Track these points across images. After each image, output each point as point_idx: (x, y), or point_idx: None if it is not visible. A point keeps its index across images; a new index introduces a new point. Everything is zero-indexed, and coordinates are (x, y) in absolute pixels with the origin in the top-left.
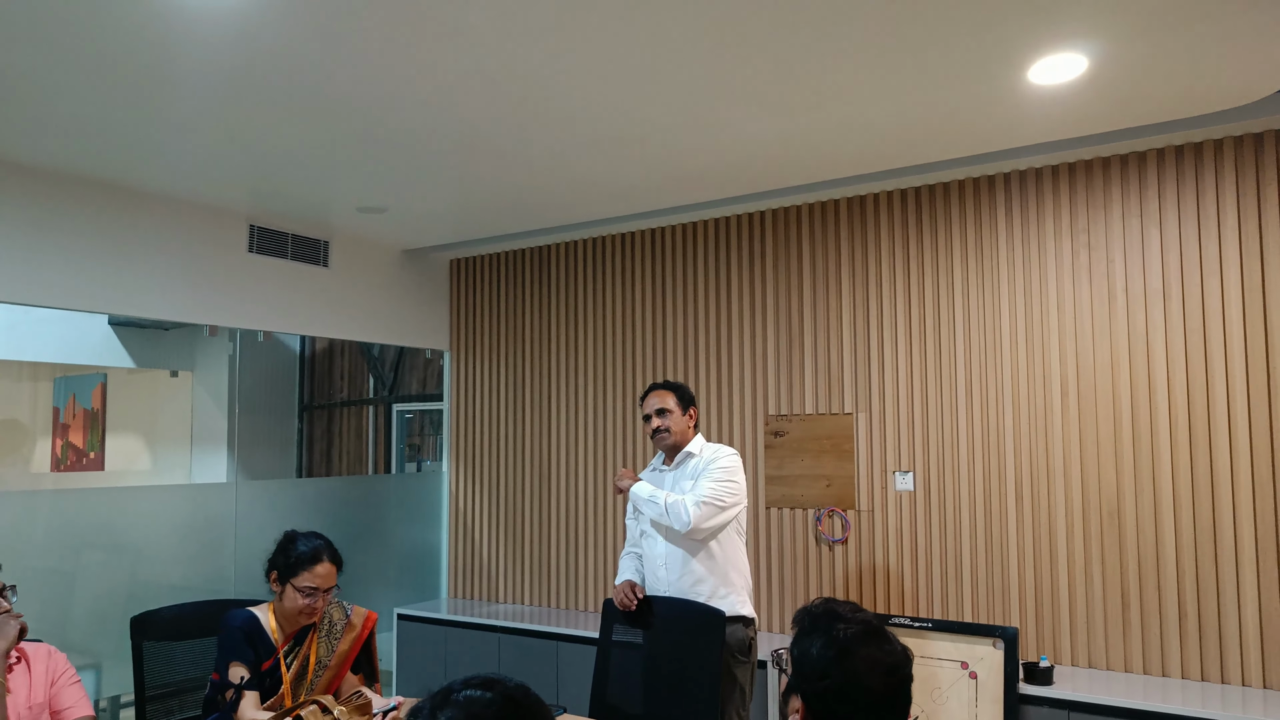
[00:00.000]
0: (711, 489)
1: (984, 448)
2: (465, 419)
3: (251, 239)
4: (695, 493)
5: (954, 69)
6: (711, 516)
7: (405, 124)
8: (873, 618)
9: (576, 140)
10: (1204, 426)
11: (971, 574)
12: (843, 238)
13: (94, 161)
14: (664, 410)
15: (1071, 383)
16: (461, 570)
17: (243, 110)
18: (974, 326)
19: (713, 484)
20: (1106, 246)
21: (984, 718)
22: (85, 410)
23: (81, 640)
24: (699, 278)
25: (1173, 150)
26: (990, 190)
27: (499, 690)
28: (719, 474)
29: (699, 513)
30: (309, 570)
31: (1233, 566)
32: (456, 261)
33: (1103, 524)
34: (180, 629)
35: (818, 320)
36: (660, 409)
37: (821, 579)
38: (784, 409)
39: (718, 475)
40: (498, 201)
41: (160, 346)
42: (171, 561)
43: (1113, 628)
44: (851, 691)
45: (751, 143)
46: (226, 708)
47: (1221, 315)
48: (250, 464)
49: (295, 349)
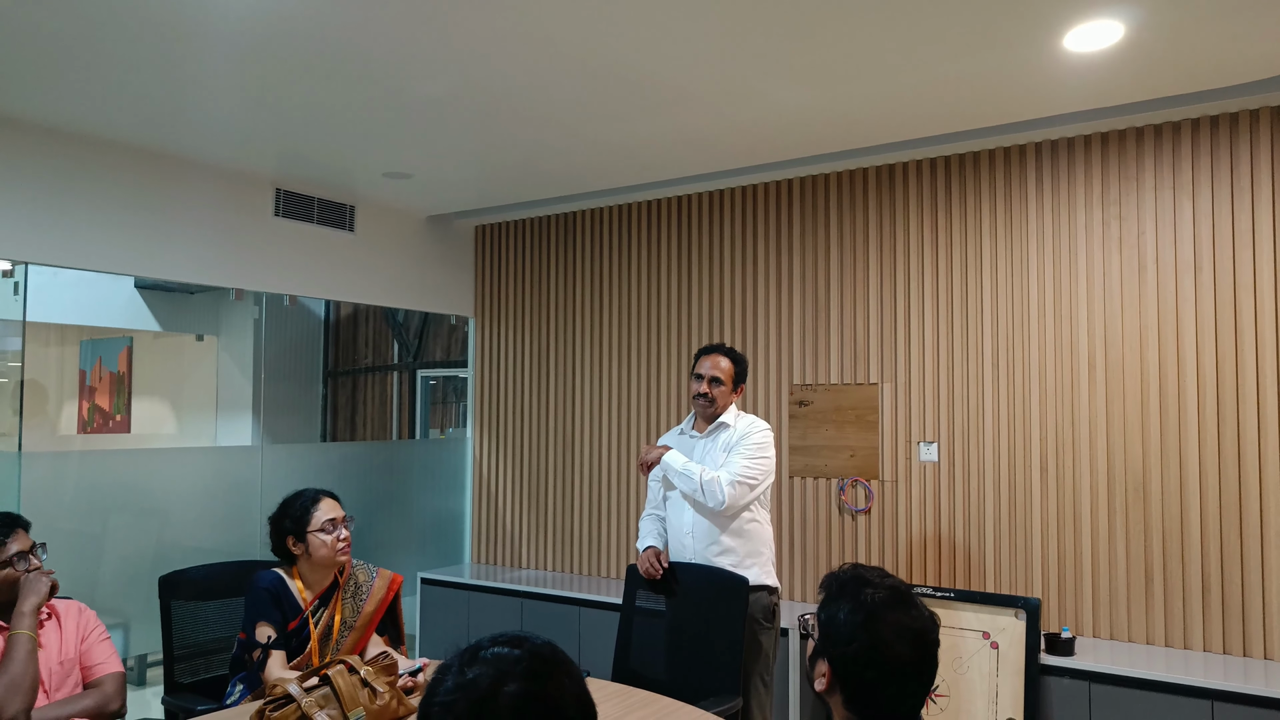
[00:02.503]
0: (745, 467)
1: (1009, 419)
2: (489, 385)
3: (278, 203)
4: (729, 469)
5: (988, 36)
6: (745, 495)
7: (432, 89)
8: (900, 583)
9: (604, 106)
10: (1232, 400)
11: (995, 545)
12: (870, 207)
13: (121, 125)
14: (717, 380)
15: (1099, 355)
16: (485, 536)
17: (270, 74)
18: (1002, 297)
19: (747, 461)
20: (1138, 218)
21: (1005, 688)
22: (111, 373)
23: (110, 600)
24: (725, 246)
25: (1207, 120)
26: (1021, 160)
27: (527, 647)
28: (752, 449)
29: (733, 493)
30: (316, 509)
31: (1257, 541)
32: (482, 228)
33: (1128, 497)
34: (208, 589)
35: (844, 290)
36: (715, 377)
37: (845, 549)
38: (809, 379)
39: (751, 451)
40: (524, 168)
41: (186, 310)
42: (197, 523)
43: (1135, 600)
44: (878, 656)
45: (780, 111)
46: (254, 667)
47: (1253, 288)
48: (275, 428)
49: (320, 314)
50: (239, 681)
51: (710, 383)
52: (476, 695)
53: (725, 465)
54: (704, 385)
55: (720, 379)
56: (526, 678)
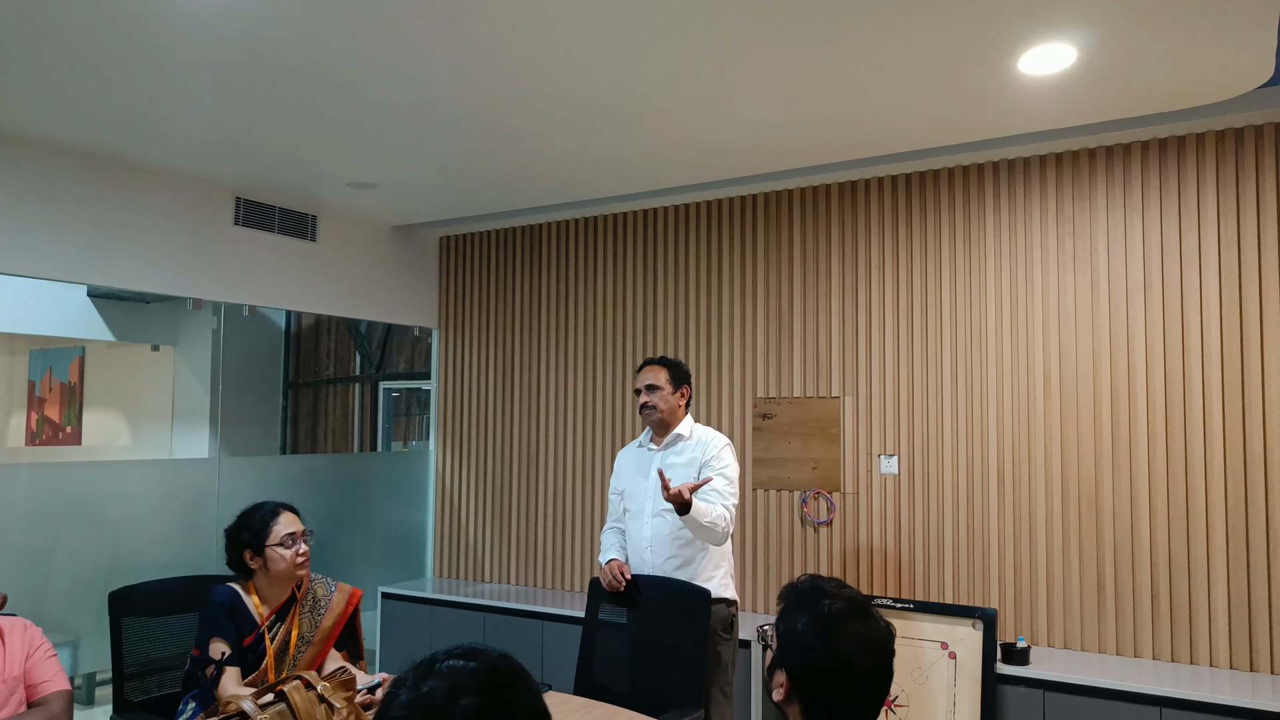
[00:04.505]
0: (730, 493)
1: (968, 433)
2: (452, 398)
3: (238, 212)
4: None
5: (947, 58)
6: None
7: (399, 99)
8: (858, 594)
9: (571, 120)
10: (1180, 416)
11: (953, 556)
12: (833, 223)
13: (78, 131)
14: (654, 386)
15: (1054, 370)
16: (447, 549)
17: (232, 82)
18: (960, 313)
19: (730, 487)
20: (1091, 236)
21: (962, 697)
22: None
23: (59, 616)
24: (690, 260)
25: (1157, 143)
26: (979, 178)
27: (482, 660)
28: (729, 472)
29: (730, 521)
30: (275, 523)
31: (1204, 552)
32: (446, 239)
33: (1081, 509)
34: (161, 604)
35: (807, 304)
36: (650, 384)
37: (806, 560)
38: (773, 392)
39: (728, 475)
40: (490, 180)
41: (142, 320)
42: (152, 537)
43: (1088, 610)
44: (836, 667)
45: (744, 127)
46: (207, 684)
47: (1200, 307)
48: (233, 440)
49: (281, 325)
50: (191, 699)
51: (648, 390)
52: (431, 709)
53: (708, 494)
54: (643, 395)
55: (656, 384)
56: (481, 691)
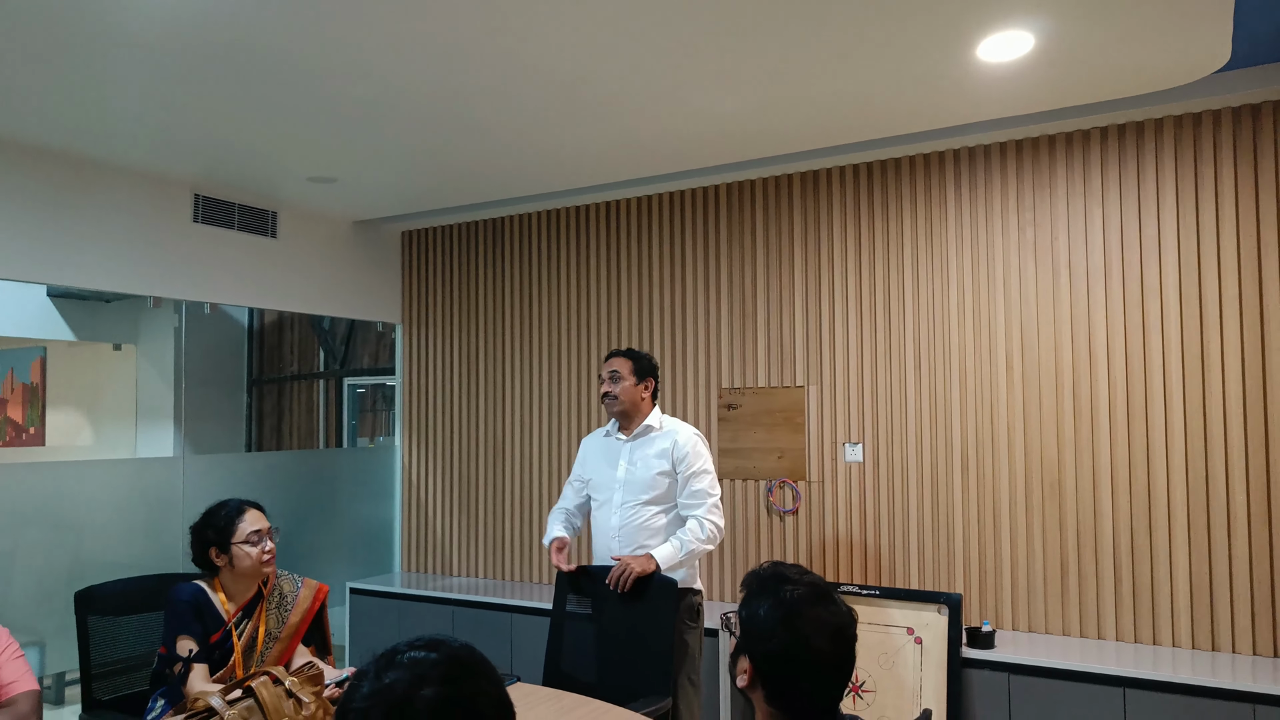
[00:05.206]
0: (711, 493)
1: (932, 420)
2: (417, 393)
3: (197, 208)
4: (700, 501)
5: (905, 45)
6: (721, 511)
7: (357, 92)
8: (819, 580)
9: (532, 111)
10: (1141, 400)
11: (919, 543)
12: (796, 212)
13: (33, 127)
14: (616, 376)
15: (1016, 357)
16: (415, 544)
17: (186, 75)
18: (923, 301)
19: (710, 486)
20: (1051, 224)
21: (929, 681)
22: (24, 385)
23: (23, 618)
24: (653, 251)
25: (1115, 129)
26: (940, 167)
27: (444, 651)
28: (707, 467)
29: (719, 521)
30: (241, 521)
31: (1166, 535)
32: (408, 233)
33: (1044, 494)
34: (126, 604)
35: (770, 294)
36: (613, 373)
37: (773, 549)
38: (737, 382)
39: (707, 471)
40: (450, 173)
41: (102, 319)
42: (117, 537)
43: (1052, 593)
44: (799, 652)
45: (705, 117)
46: (175, 681)
47: (1159, 293)
48: (198, 438)
49: (243, 322)
50: (160, 696)
51: (610, 379)
52: (393, 700)
53: (691, 499)
54: (605, 384)
55: (619, 373)
56: (443, 681)
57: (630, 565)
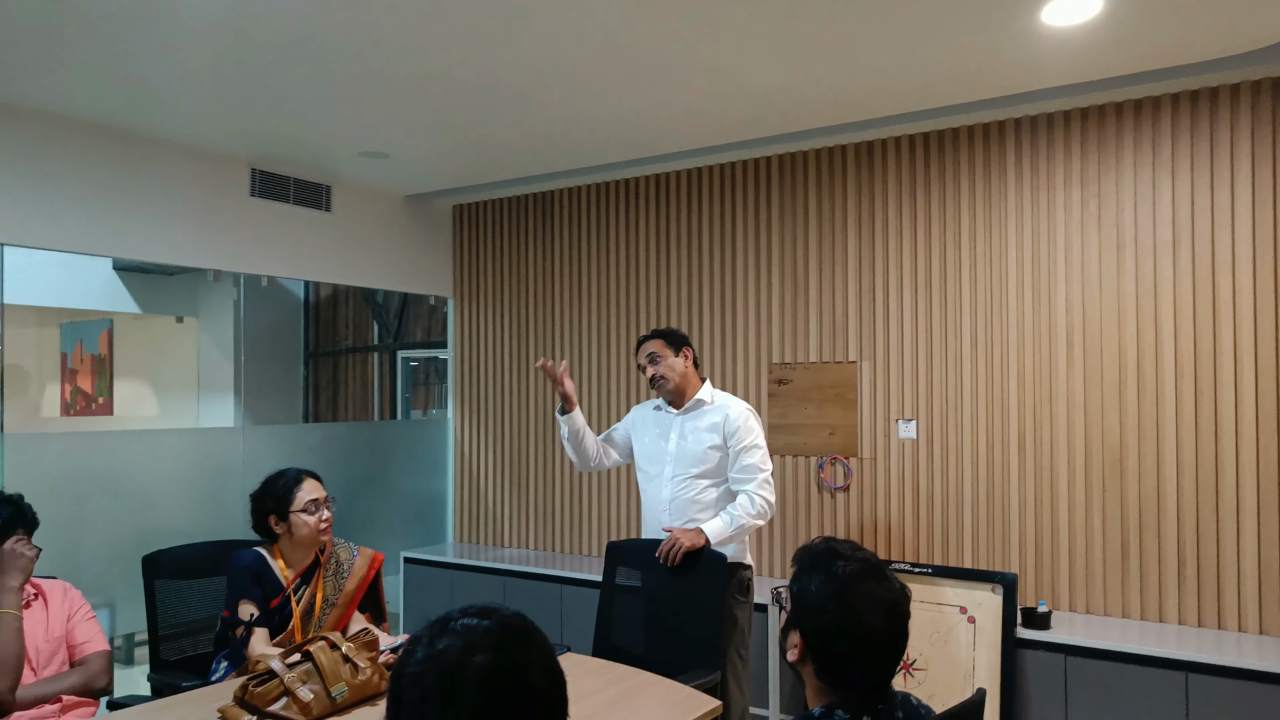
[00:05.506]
0: (762, 468)
1: (988, 396)
2: (469, 366)
3: (253, 183)
4: (751, 476)
5: (967, 9)
6: (772, 486)
7: (408, 68)
8: (871, 556)
9: (582, 82)
10: (1209, 377)
11: (973, 521)
12: (849, 184)
13: (97, 105)
14: (656, 356)
15: (1077, 333)
16: (467, 515)
17: (243, 54)
18: (980, 275)
19: (762, 461)
20: (1117, 195)
21: (982, 661)
22: (93, 356)
23: (95, 580)
24: (703, 224)
25: (1187, 96)
26: (1000, 136)
27: (496, 618)
28: (758, 442)
29: (770, 496)
30: (299, 489)
31: (1233, 516)
32: (459, 207)
33: (1104, 474)
34: (190, 568)
35: (823, 268)
36: (652, 355)
37: (824, 526)
38: (788, 357)
39: (759, 446)
40: (500, 147)
41: (165, 292)
42: (181, 504)
43: (1111, 575)
44: (850, 627)
45: (759, 87)
46: (237, 644)
47: (1231, 266)
48: (256, 410)
49: (300, 295)
50: (223, 658)
51: (650, 362)
52: (445, 666)
53: (742, 473)
54: (649, 369)
55: (656, 354)
56: (495, 649)
57: (680, 539)
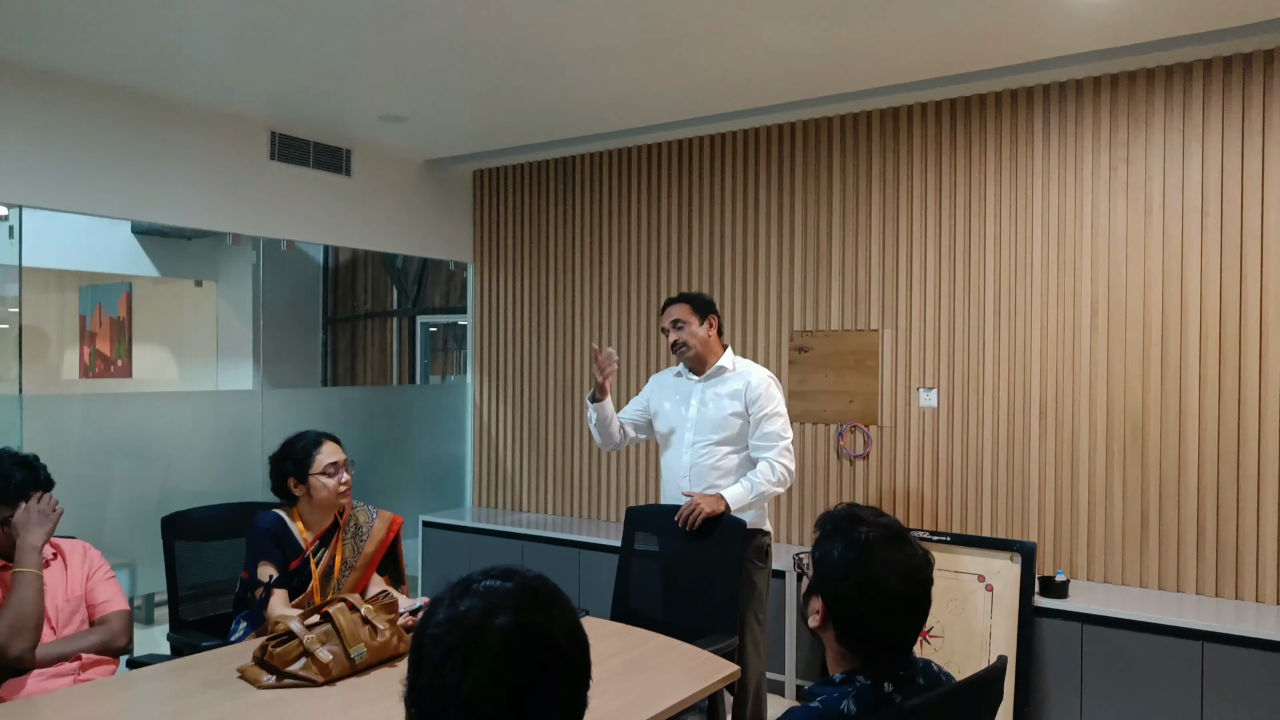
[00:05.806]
0: (783, 435)
1: (1010, 365)
2: (488, 331)
3: (273, 146)
4: (771, 444)
5: None
6: (791, 455)
7: (427, 30)
8: (894, 522)
9: (603, 46)
10: (1234, 347)
11: (991, 490)
12: (874, 150)
13: (117, 68)
14: (680, 322)
15: (1102, 300)
16: (486, 480)
17: (262, 15)
18: (1005, 242)
19: (783, 429)
20: (1145, 161)
21: (999, 629)
22: (112, 319)
23: (115, 541)
24: (726, 190)
25: (1220, 61)
26: (1027, 102)
27: (518, 580)
28: (779, 409)
29: (790, 464)
30: (318, 452)
31: (1254, 487)
32: (479, 172)
33: (1126, 443)
34: (210, 530)
35: (846, 235)
36: (676, 320)
37: (843, 493)
38: (809, 324)
39: (780, 414)
40: (520, 111)
41: (184, 255)
42: (200, 466)
43: (1130, 544)
44: (871, 592)
45: (783, 51)
46: (256, 605)
47: (1260, 234)
48: (275, 374)
49: (319, 260)
50: (242, 619)
51: (674, 328)
52: (467, 627)
53: (762, 440)
54: (671, 334)
55: (680, 320)
56: (517, 610)
57: (700, 504)
